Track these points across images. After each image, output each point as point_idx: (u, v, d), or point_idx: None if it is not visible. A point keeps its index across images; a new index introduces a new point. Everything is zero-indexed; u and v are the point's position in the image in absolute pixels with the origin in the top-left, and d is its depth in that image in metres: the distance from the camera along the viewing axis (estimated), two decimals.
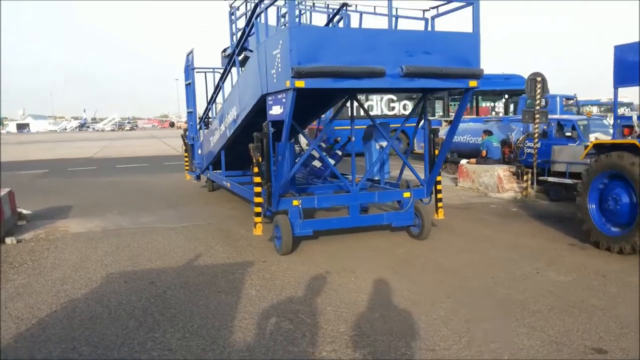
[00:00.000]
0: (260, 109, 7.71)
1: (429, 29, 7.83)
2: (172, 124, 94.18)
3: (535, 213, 9.99)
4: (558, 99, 17.74)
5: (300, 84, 6.18)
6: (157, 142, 41.92)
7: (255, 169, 7.42)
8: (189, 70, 12.24)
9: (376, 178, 9.31)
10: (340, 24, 9.84)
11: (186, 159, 13.88)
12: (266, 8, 7.65)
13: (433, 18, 7.79)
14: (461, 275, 6.14)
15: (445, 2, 7.53)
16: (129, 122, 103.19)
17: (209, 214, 10.36)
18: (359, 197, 7.89)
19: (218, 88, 11.11)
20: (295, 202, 7.34)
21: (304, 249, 7.42)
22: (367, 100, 21.79)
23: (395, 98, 22.64)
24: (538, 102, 12.05)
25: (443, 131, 18.43)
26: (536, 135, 12.23)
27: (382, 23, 7.62)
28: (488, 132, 13.62)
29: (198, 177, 13.25)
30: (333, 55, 6.34)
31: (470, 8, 7.10)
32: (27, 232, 8.98)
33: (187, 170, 13.90)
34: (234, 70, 10.43)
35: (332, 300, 5.35)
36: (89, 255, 7.38)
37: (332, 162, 9.35)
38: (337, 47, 6.42)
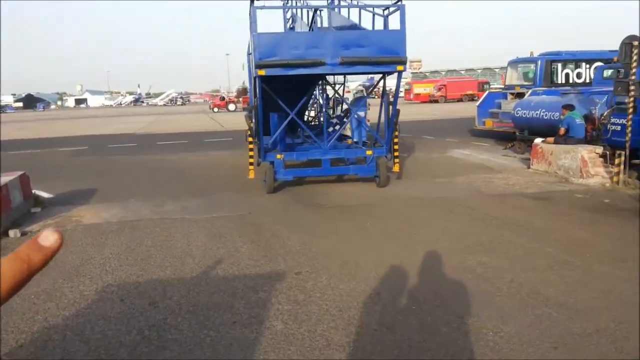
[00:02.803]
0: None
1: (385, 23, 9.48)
2: (222, 99, 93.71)
3: (636, 207, 8.08)
4: None
5: (261, 72, 8.40)
6: (205, 117, 41.21)
7: (248, 132, 10.49)
8: (247, 55, 14.82)
9: (355, 140, 11.66)
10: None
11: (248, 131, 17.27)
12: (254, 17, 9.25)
13: (387, 16, 9.39)
14: (566, 307, 4.40)
15: (383, 6, 9.52)
16: (180, 97, 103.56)
17: (241, 202, 9.03)
18: (329, 153, 10.01)
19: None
20: (278, 156, 9.63)
21: (349, 256, 5.89)
22: (576, 68, 19.57)
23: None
24: (634, 71, 10.01)
25: (510, 104, 16.51)
26: (630, 109, 10.21)
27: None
28: (569, 107, 11.53)
29: None
30: (286, 52, 8.45)
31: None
32: (37, 222, 7.96)
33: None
34: None
35: (384, 344, 3.84)
36: (93, 256, 6.18)
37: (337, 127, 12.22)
38: (288, 46, 8.58)
